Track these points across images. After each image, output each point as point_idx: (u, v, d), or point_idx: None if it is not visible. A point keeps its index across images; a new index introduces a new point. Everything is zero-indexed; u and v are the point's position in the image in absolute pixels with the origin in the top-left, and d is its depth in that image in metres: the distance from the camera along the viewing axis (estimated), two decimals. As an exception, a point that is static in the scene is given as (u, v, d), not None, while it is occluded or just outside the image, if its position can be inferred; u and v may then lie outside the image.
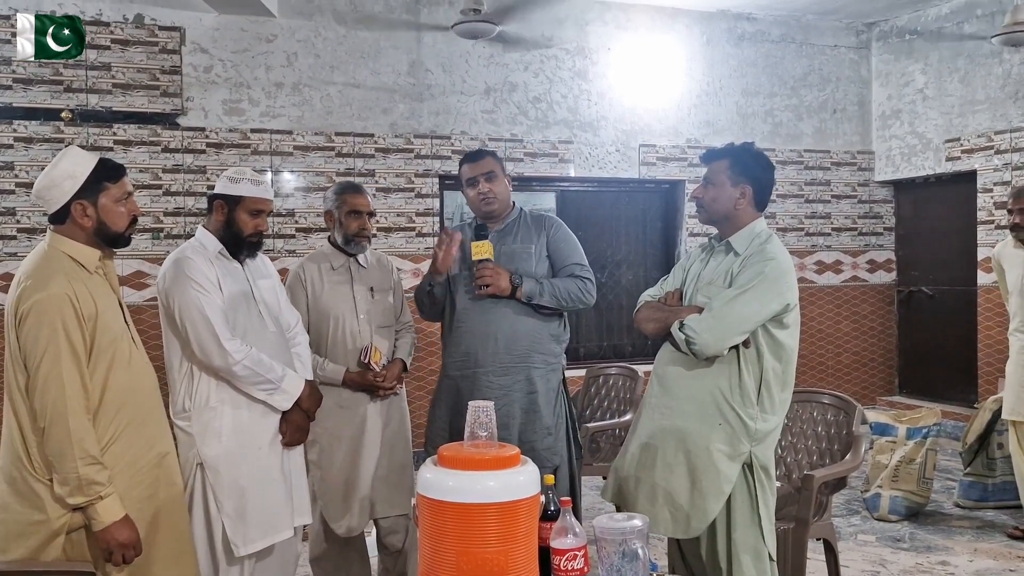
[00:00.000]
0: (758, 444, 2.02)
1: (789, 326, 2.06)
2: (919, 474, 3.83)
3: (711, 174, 2.14)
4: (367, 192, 2.74)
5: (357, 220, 2.64)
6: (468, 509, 1.38)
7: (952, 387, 5.75)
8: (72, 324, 1.75)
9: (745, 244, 2.09)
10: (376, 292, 2.69)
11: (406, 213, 5.03)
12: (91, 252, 1.86)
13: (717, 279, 2.07)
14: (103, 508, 1.74)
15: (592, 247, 5.54)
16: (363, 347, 2.60)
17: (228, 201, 2.19)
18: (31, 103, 4.35)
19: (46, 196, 1.85)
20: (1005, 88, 5.27)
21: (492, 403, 1.56)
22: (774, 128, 5.89)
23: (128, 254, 4.44)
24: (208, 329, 2.06)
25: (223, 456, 2.09)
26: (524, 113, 5.28)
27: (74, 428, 1.72)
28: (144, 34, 4.52)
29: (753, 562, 2.00)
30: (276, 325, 2.26)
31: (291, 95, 4.79)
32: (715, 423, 2.01)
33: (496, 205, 2.57)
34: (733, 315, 1.97)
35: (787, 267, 2.06)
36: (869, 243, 6.15)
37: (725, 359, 2.02)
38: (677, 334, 2.01)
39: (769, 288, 1.99)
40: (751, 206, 2.12)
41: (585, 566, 1.52)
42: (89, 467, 1.73)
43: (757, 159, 2.14)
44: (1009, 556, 3.40)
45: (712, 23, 5.69)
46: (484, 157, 2.59)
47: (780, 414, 2.07)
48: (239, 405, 2.13)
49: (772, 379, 2.03)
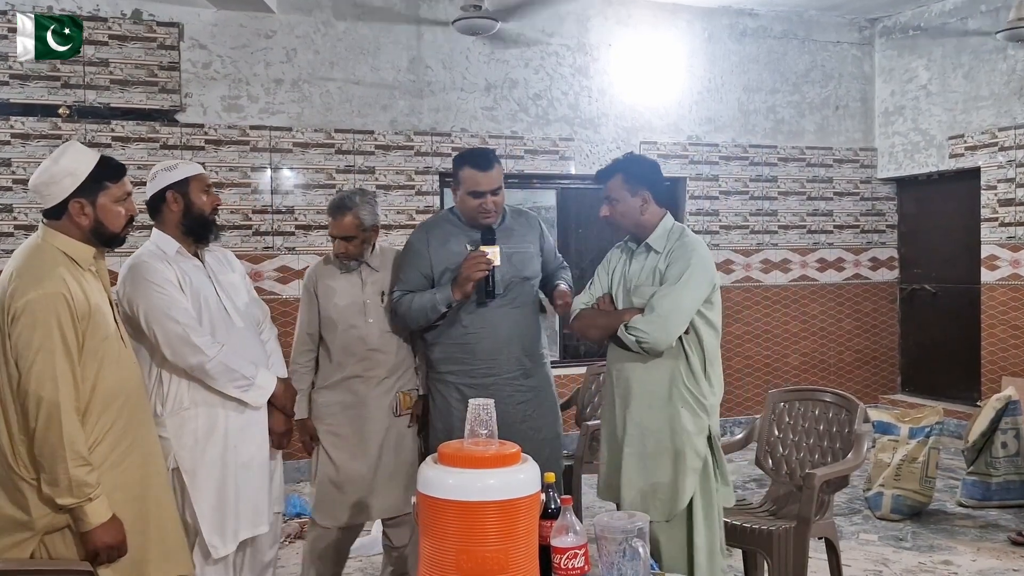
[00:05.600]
0: (712, 417, 2.23)
1: (715, 303, 2.25)
2: (921, 473, 3.81)
3: (610, 192, 2.30)
4: (353, 211, 2.53)
5: (340, 245, 2.56)
6: (468, 507, 1.38)
7: (955, 386, 5.73)
8: (67, 322, 1.72)
9: (662, 242, 2.27)
10: (386, 296, 2.62)
11: (406, 211, 5.01)
12: (86, 249, 1.83)
13: (646, 280, 2.24)
14: (91, 510, 1.73)
15: (592, 245, 5.52)
16: (393, 401, 2.59)
17: (179, 188, 2.15)
18: (28, 99, 4.33)
19: (44, 192, 1.82)
20: (1010, 84, 5.24)
21: (492, 401, 1.54)
22: (776, 125, 5.86)
23: (124, 252, 4.40)
24: (177, 330, 2.03)
25: (199, 458, 2.08)
26: (524, 110, 5.25)
27: (67, 429, 1.70)
28: (142, 30, 4.49)
29: (704, 518, 2.19)
30: (244, 320, 2.23)
31: (290, 91, 4.77)
32: (678, 406, 2.18)
33: (495, 219, 2.46)
34: (674, 308, 2.15)
35: (705, 252, 2.26)
36: (871, 241, 6.12)
37: (673, 348, 2.19)
38: (626, 337, 2.16)
39: (699, 277, 2.18)
40: (654, 206, 2.30)
41: (585, 565, 1.51)
42: (80, 468, 1.71)
43: (644, 164, 2.34)
44: (1012, 556, 3.38)
45: (714, 19, 5.67)
46: (492, 167, 2.41)
47: (721, 385, 2.28)
48: (213, 405, 2.11)
49: (711, 354, 2.23)
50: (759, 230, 5.84)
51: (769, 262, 5.87)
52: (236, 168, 4.69)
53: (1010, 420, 3.93)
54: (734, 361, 5.71)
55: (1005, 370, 5.18)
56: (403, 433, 2.63)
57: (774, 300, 5.88)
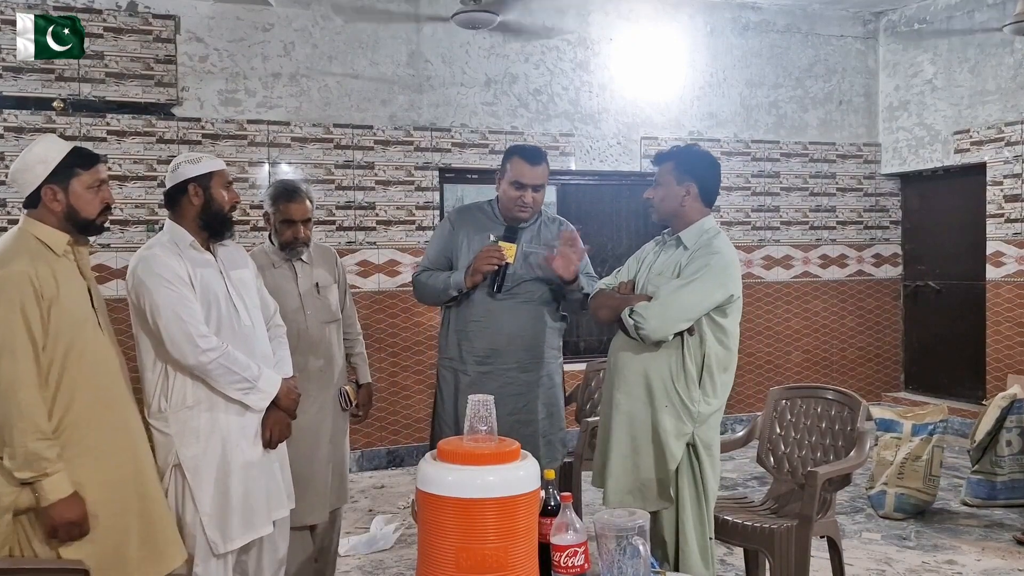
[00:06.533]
0: (700, 425, 2.21)
1: (731, 314, 2.23)
2: (925, 471, 3.78)
3: (658, 176, 2.31)
4: (306, 196, 2.63)
5: (290, 228, 2.60)
6: (467, 504, 1.38)
7: (959, 383, 5.69)
8: (30, 301, 1.77)
9: (694, 239, 2.25)
10: (321, 288, 2.68)
11: (406, 206, 4.98)
12: (59, 236, 1.89)
13: (666, 270, 2.24)
14: (50, 484, 1.75)
15: (593, 241, 5.43)
16: (341, 389, 2.70)
17: (201, 182, 2.14)
18: (21, 92, 4.29)
19: (19, 180, 1.90)
20: (1016, 78, 5.20)
21: (492, 397, 1.56)
22: (779, 120, 5.82)
23: (122, 246, 4.39)
24: (181, 327, 2.02)
25: (201, 456, 2.06)
26: (525, 105, 5.22)
27: (24, 402, 1.74)
28: (138, 22, 4.46)
29: (697, 537, 2.19)
30: (252, 318, 2.22)
31: (288, 86, 4.74)
32: (662, 405, 2.19)
33: (529, 215, 2.54)
34: (679, 303, 2.14)
35: (731, 260, 2.23)
36: (875, 237, 6.09)
37: (670, 345, 2.19)
38: (627, 319, 2.18)
39: (713, 279, 2.16)
40: (698, 203, 2.28)
41: (585, 562, 1.51)
42: (38, 442, 1.74)
43: (701, 158, 2.32)
44: (1018, 556, 3.35)
45: (716, 13, 5.63)
46: (540, 164, 2.51)
47: (722, 397, 2.26)
48: (216, 404, 2.09)
49: (714, 364, 2.21)
50: (761, 226, 5.81)
51: (771, 258, 5.83)
52: (233, 163, 4.65)
53: (1015, 418, 3.90)
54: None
55: (1010, 368, 5.14)
56: (342, 428, 2.71)
57: (776, 297, 5.85)
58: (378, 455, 4.91)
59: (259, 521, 2.15)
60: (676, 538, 2.20)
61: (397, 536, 3.58)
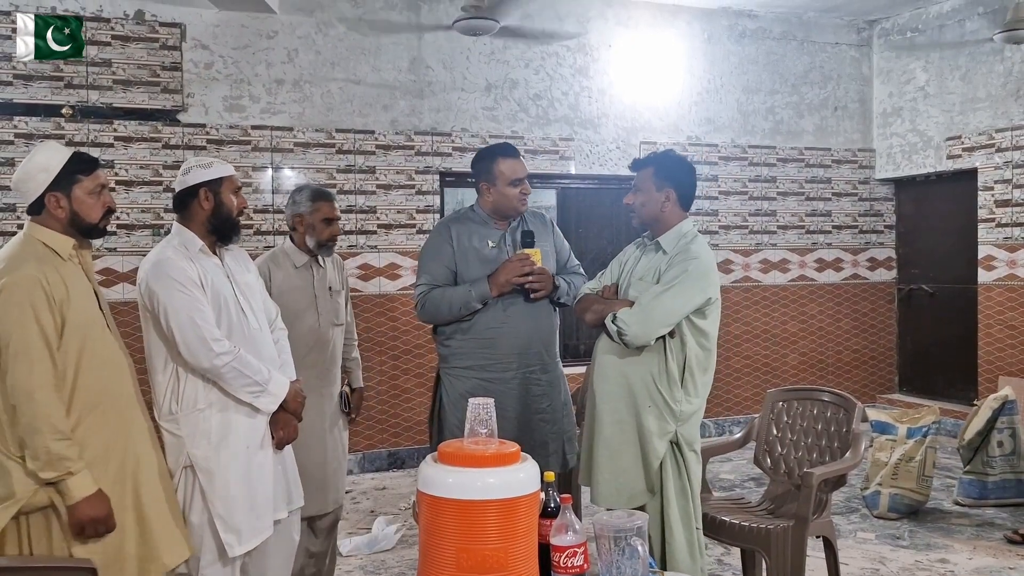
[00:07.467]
0: (683, 424, 2.27)
1: (710, 316, 2.28)
2: (918, 472, 3.83)
3: (638, 181, 2.36)
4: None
5: (330, 227, 2.74)
6: (468, 506, 1.38)
7: (952, 385, 5.75)
8: (41, 305, 1.79)
9: (672, 243, 2.31)
10: (333, 292, 2.79)
11: (407, 210, 5.03)
12: (64, 240, 1.92)
13: (647, 275, 2.30)
14: (74, 483, 1.78)
15: (592, 245, 5.54)
16: (342, 391, 2.81)
17: (212, 187, 2.16)
18: (31, 99, 4.34)
19: (22, 188, 1.93)
20: (1007, 86, 5.26)
21: (492, 400, 1.56)
22: (775, 125, 5.88)
23: (128, 251, 4.44)
24: (195, 331, 2.04)
25: (213, 458, 2.08)
26: (525, 110, 5.27)
27: (42, 404, 1.76)
28: (144, 30, 4.51)
29: (684, 530, 2.24)
30: (259, 321, 2.24)
31: (292, 92, 4.79)
32: (645, 405, 2.25)
33: (526, 207, 2.59)
34: (660, 309, 2.20)
35: (709, 264, 2.28)
36: (870, 241, 6.14)
37: (653, 348, 2.24)
38: (610, 326, 2.23)
39: (692, 284, 2.22)
40: (676, 207, 2.35)
41: (585, 563, 1.52)
42: (59, 442, 1.76)
43: (678, 164, 2.38)
44: (1008, 554, 3.40)
45: (713, 20, 5.68)
46: (519, 154, 2.58)
47: (703, 396, 2.32)
48: (227, 406, 2.11)
49: (695, 364, 2.27)
50: (758, 230, 5.86)
51: (768, 262, 5.89)
52: (237, 168, 4.60)
53: (1006, 419, 3.95)
54: (733, 361, 5.74)
55: (1002, 370, 5.21)
56: (342, 427, 2.80)
57: (773, 300, 5.90)
58: (379, 457, 4.96)
59: (265, 523, 2.16)
60: (661, 532, 2.24)
61: (399, 537, 3.61)
